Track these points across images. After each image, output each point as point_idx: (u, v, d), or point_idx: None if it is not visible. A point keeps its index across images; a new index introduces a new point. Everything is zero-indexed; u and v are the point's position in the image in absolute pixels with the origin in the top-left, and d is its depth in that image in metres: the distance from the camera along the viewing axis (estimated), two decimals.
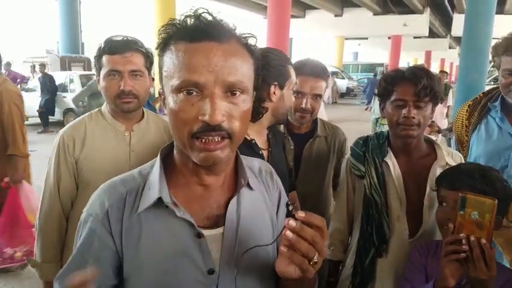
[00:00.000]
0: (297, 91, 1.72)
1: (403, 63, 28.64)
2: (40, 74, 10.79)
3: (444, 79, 8.15)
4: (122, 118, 1.58)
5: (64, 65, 13.02)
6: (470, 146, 1.92)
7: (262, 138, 1.49)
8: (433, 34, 29.62)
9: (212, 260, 0.82)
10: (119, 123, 1.58)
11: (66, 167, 1.54)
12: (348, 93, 22.43)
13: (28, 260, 1.64)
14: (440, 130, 3.59)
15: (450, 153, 1.54)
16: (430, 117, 1.46)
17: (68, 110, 10.38)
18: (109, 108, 1.59)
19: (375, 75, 18.25)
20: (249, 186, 0.90)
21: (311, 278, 0.75)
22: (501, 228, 1.24)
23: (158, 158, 0.87)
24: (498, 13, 8.88)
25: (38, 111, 10.30)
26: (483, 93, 1.97)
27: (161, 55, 0.79)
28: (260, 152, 1.43)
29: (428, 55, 34.96)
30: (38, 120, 10.63)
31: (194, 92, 0.73)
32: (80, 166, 1.54)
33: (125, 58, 1.48)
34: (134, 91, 1.51)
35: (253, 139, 1.42)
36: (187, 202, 0.83)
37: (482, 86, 7.27)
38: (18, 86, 11.68)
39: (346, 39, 26.44)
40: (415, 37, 29.01)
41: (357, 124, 11.54)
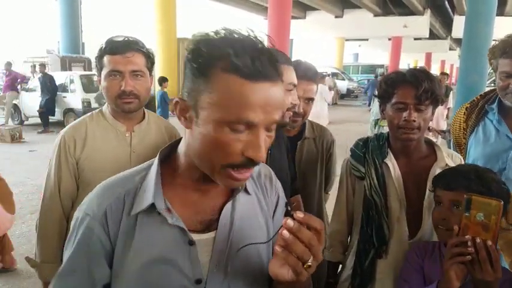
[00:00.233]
0: None
1: (404, 64, 28.65)
2: (40, 74, 10.79)
3: (445, 81, 8.15)
4: (123, 118, 1.59)
5: (64, 65, 13.02)
6: (468, 149, 1.92)
7: None
8: (434, 36, 29.64)
9: (201, 269, 0.81)
10: (120, 123, 1.59)
11: (67, 168, 1.54)
12: (348, 94, 22.46)
13: (28, 260, 1.63)
14: (440, 132, 3.60)
15: (450, 154, 1.54)
16: (430, 119, 1.46)
17: (68, 110, 10.41)
18: (110, 108, 1.60)
19: (376, 76, 18.25)
20: (246, 190, 0.90)
21: (304, 282, 0.74)
22: (500, 230, 1.24)
23: (156, 160, 0.86)
24: (498, 15, 8.88)
25: (38, 111, 10.32)
26: (480, 95, 1.96)
27: (202, 77, 0.73)
28: None
29: (428, 57, 35.01)
30: (38, 120, 10.65)
31: (243, 129, 0.72)
32: (81, 166, 1.54)
33: (126, 58, 1.48)
34: (135, 91, 1.51)
35: None
36: (182, 205, 0.83)
37: (482, 88, 7.27)
38: (18, 86, 11.78)
39: (346, 40, 26.48)
40: (416, 38, 29.03)
41: (357, 125, 11.55)
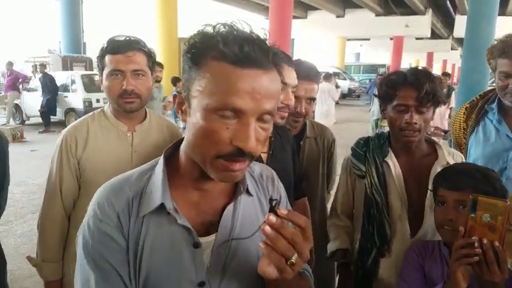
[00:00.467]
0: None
1: (405, 64, 28.59)
2: (40, 74, 10.82)
3: (447, 82, 8.13)
4: (125, 118, 1.58)
5: (66, 65, 13.06)
6: (468, 149, 1.92)
7: None
8: (435, 35, 29.59)
9: (204, 272, 0.81)
10: (122, 123, 1.58)
11: (68, 168, 1.54)
12: (350, 94, 22.41)
13: (29, 259, 1.63)
14: (441, 133, 3.59)
15: (451, 153, 1.54)
16: (431, 119, 1.45)
17: (70, 110, 10.43)
18: (111, 108, 1.60)
19: (379, 75, 18.21)
20: (248, 191, 0.89)
21: (291, 281, 0.73)
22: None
23: (162, 160, 0.85)
24: (500, 14, 8.85)
25: (40, 111, 10.35)
26: (480, 95, 1.96)
27: (194, 67, 0.74)
28: None
29: (430, 56, 34.97)
30: (40, 120, 10.67)
31: (231, 116, 0.72)
32: (83, 166, 1.54)
33: (128, 58, 1.48)
34: (137, 90, 1.51)
35: None
36: (185, 206, 0.82)
37: (484, 88, 7.24)
38: (20, 86, 11.80)
39: (348, 40, 26.48)
40: (417, 38, 29.03)
41: (359, 125, 11.54)
